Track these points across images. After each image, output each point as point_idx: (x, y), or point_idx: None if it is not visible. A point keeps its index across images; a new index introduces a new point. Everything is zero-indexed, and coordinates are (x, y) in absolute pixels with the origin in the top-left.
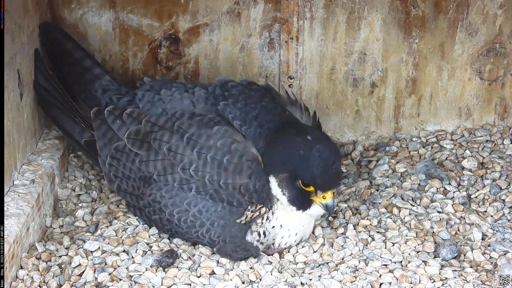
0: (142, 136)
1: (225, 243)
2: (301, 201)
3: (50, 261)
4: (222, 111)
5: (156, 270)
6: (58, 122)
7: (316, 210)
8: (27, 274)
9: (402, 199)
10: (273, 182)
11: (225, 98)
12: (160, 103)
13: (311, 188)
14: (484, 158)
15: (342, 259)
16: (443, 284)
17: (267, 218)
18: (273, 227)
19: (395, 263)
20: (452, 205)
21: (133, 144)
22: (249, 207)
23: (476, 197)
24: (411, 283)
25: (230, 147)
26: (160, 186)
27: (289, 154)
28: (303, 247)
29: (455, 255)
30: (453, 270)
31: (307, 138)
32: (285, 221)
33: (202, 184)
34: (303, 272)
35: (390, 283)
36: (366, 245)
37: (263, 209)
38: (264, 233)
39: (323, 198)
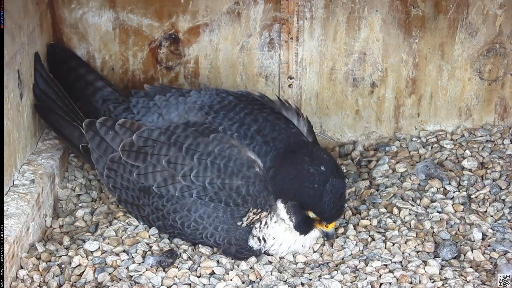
0: (137, 148)
1: (230, 245)
2: (304, 227)
3: (50, 261)
4: (211, 123)
5: (156, 270)
6: (57, 127)
7: (315, 233)
8: (27, 274)
9: (402, 199)
10: (281, 208)
11: (218, 110)
12: (156, 108)
13: (317, 218)
14: (484, 158)
15: (342, 259)
16: (443, 284)
17: (265, 224)
18: (270, 234)
19: (395, 263)
20: (452, 205)
21: (128, 156)
22: (251, 209)
23: (476, 197)
24: (411, 283)
25: (226, 152)
26: (161, 195)
27: (302, 186)
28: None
29: (455, 255)
30: (453, 270)
31: (321, 169)
32: (280, 235)
33: (203, 188)
34: (303, 272)
35: (390, 283)
36: (366, 245)
37: (263, 213)
38: (263, 238)
39: (326, 227)
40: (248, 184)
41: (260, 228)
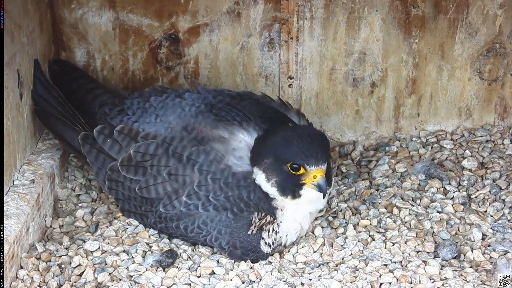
0: (136, 162)
1: (235, 248)
2: (291, 187)
3: (50, 261)
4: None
5: (156, 270)
6: (57, 132)
7: (309, 194)
8: (27, 274)
9: (402, 199)
10: (258, 173)
11: (219, 108)
12: (152, 109)
13: (301, 171)
14: (484, 158)
15: (342, 259)
16: (443, 284)
17: (273, 230)
18: (281, 236)
19: (395, 263)
20: (452, 205)
21: (128, 171)
22: (255, 214)
23: (476, 197)
24: (411, 283)
25: (216, 165)
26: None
27: (272, 139)
28: (303, 247)
29: (455, 255)
30: (453, 270)
31: (289, 125)
32: (288, 228)
33: (207, 199)
34: (303, 272)
35: (390, 283)
36: (366, 245)
37: (269, 218)
38: (273, 243)
39: (314, 178)
40: (249, 191)
41: (269, 234)
